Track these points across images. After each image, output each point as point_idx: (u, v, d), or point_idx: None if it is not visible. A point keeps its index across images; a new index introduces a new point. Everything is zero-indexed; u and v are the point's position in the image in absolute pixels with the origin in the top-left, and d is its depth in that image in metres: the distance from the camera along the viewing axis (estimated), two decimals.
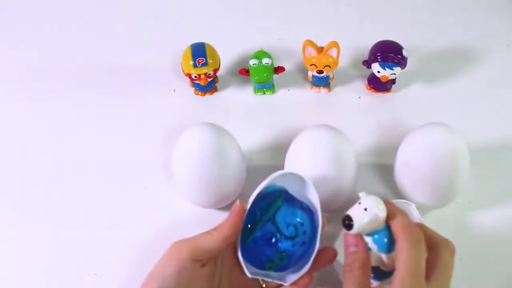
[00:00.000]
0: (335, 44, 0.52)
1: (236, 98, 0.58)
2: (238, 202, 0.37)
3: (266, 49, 0.56)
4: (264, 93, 0.58)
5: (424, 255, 0.32)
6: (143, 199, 0.49)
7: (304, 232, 0.39)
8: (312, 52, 0.53)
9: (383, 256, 0.33)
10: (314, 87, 0.57)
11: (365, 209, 0.32)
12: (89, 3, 0.70)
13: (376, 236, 0.33)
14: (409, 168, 0.43)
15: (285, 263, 0.38)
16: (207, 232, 0.36)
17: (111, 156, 0.52)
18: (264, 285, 0.38)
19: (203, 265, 0.36)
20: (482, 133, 0.52)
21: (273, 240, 0.39)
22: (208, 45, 0.55)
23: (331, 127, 0.44)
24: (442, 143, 0.41)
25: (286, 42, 0.62)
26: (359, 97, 0.57)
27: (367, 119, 0.55)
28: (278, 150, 0.50)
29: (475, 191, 0.47)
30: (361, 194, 0.34)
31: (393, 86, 0.57)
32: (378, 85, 0.56)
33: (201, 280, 0.36)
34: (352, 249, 0.33)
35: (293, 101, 0.57)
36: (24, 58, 0.63)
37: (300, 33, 0.56)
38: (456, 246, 0.44)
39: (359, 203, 0.33)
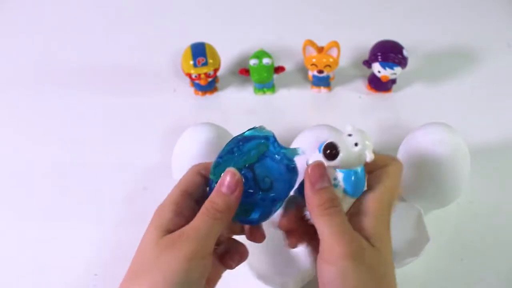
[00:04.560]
0: (335, 44, 0.52)
1: (236, 98, 0.58)
2: (233, 172, 0.31)
3: (266, 49, 0.56)
4: (264, 93, 0.57)
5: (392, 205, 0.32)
6: (143, 199, 0.49)
7: (279, 189, 0.34)
8: (312, 51, 0.53)
9: (346, 197, 0.31)
10: (314, 87, 0.57)
11: (356, 144, 0.30)
12: (89, 3, 0.70)
13: (350, 175, 0.31)
14: (410, 168, 0.43)
15: (248, 216, 0.33)
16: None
17: (110, 156, 0.52)
18: None
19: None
20: (482, 133, 0.52)
21: (247, 188, 0.33)
22: (208, 45, 0.55)
23: (332, 127, 0.44)
24: (442, 143, 0.41)
25: (286, 42, 0.62)
26: (360, 97, 0.57)
27: (368, 119, 0.54)
28: None
29: (476, 191, 0.47)
30: (350, 128, 0.31)
31: (394, 86, 0.57)
32: (379, 85, 0.56)
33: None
34: (325, 184, 0.30)
35: (293, 101, 0.57)
36: (23, 58, 0.63)
37: (300, 33, 0.56)
38: (456, 246, 0.44)
39: (350, 135, 0.30)
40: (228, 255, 0.34)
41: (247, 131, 0.35)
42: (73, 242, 0.46)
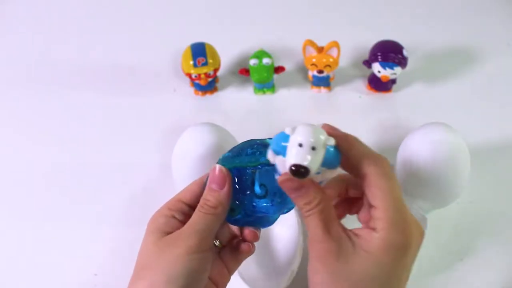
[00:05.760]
0: (335, 44, 0.52)
1: (236, 98, 0.58)
2: (219, 167, 0.32)
3: (266, 49, 0.56)
4: (264, 93, 0.57)
5: (397, 183, 0.29)
6: (143, 199, 0.49)
7: (271, 203, 0.33)
8: (312, 51, 0.53)
9: (327, 171, 0.29)
10: (314, 87, 0.57)
11: (313, 148, 0.27)
12: (89, 3, 0.70)
13: (325, 160, 0.28)
14: (410, 168, 0.43)
15: (234, 216, 0.34)
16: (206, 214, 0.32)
17: (111, 156, 0.52)
18: (217, 243, 0.35)
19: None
20: (482, 133, 0.52)
21: (238, 187, 0.33)
22: (208, 45, 0.55)
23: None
24: (442, 143, 0.41)
25: (286, 42, 0.62)
26: (360, 97, 0.57)
27: (368, 119, 0.54)
28: None
29: (475, 191, 0.47)
30: (289, 130, 0.28)
31: (394, 86, 0.57)
32: (379, 85, 0.56)
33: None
34: (298, 192, 0.29)
35: (293, 101, 0.57)
36: (23, 58, 0.63)
37: (300, 33, 0.56)
38: (456, 246, 0.44)
39: (300, 144, 0.27)
40: (235, 252, 0.35)
41: (268, 138, 0.35)
42: (73, 242, 0.46)
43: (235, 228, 0.36)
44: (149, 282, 0.30)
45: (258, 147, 0.34)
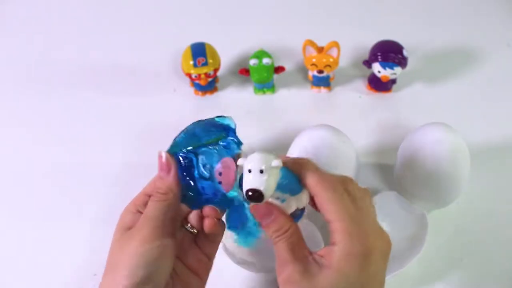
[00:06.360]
0: (335, 44, 0.52)
1: (236, 98, 0.58)
2: (165, 154, 0.34)
3: (266, 49, 0.56)
4: (264, 93, 0.57)
5: (347, 195, 0.30)
6: None
7: (219, 183, 0.33)
8: (312, 51, 0.53)
9: (291, 197, 0.31)
10: (314, 87, 0.57)
11: (261, 171, 0.28)
12: (89, 3, 0.70)
13: (282, 185, 0.30)
14: (410, 168, 0.43)
15: (188, 201, 0.34)
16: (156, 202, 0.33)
17: (111, 156, 0.52)
18: (194, 231, 0.35)
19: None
20: (482, 133, 0.52)
21: (186, 171, 0.34)
22: (208, 45, 0.55)
23: (332, 127, 0.44)
24: (442, 143, 0.41)
25: (286, 42, 0.62)
26: (360, 97, 0.57)
27: (368, 119, 0.54)
28: (278, 150, 0.50)
29: (475, 191, 0.47)
30: (241, 161, 0.30)
31: (394, 86, 0.57)
32: (379, 85, 0.56)
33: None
34: (268, 219, 0.30)
35: (293, 101, 0.57)
36: (24, 58, 0.63)
37: (300, 33, 0.56)
38: (456, 246, 0.44)
39: (249, 170, 0.28)
40: (207, 234, 0.35)
41: (217, 117, 0.35)
42: (73, 242, 0.46)
43: None
44: (111, 278, 0.30)
45: (206, 127, 0.35)
